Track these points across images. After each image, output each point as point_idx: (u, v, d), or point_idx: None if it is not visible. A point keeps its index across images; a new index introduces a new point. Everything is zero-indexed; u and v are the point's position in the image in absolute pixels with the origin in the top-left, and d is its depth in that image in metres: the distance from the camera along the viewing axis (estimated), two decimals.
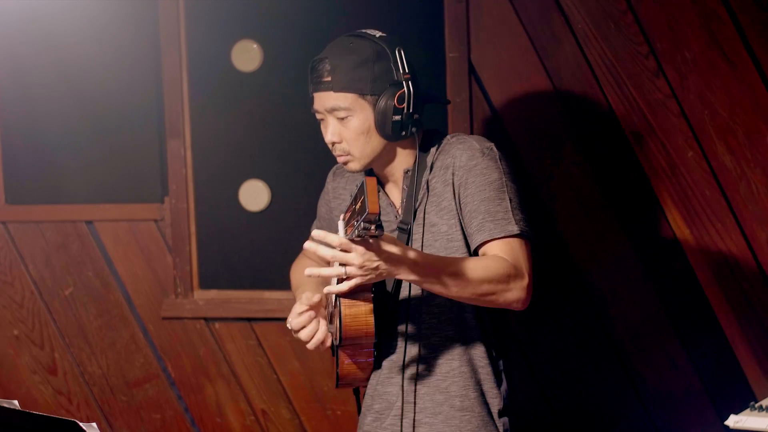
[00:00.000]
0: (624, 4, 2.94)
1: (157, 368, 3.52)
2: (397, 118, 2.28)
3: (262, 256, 3.35)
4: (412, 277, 2.16)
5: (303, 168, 3.26)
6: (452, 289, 2.19)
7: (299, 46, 3.21)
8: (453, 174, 2.33)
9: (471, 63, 3.08)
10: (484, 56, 3.07)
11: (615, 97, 2.98)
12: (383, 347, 2.41)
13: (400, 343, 2.39)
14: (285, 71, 3.24)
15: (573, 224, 3.07)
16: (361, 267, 2.09)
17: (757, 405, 2.35)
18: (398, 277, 2.15)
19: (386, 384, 2.42)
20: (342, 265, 2.11)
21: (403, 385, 2.38)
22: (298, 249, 3.22)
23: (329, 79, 2.29)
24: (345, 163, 2.37)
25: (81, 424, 1.84)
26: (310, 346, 2.38)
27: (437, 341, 2.37)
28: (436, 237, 2.35)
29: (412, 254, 2.14)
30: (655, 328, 3.05)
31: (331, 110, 2.31)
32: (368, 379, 2.46)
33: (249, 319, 3.41)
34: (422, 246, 2.35)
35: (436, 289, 2.20)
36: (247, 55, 3.27)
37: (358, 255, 2.08)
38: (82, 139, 3.44)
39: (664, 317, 3.04)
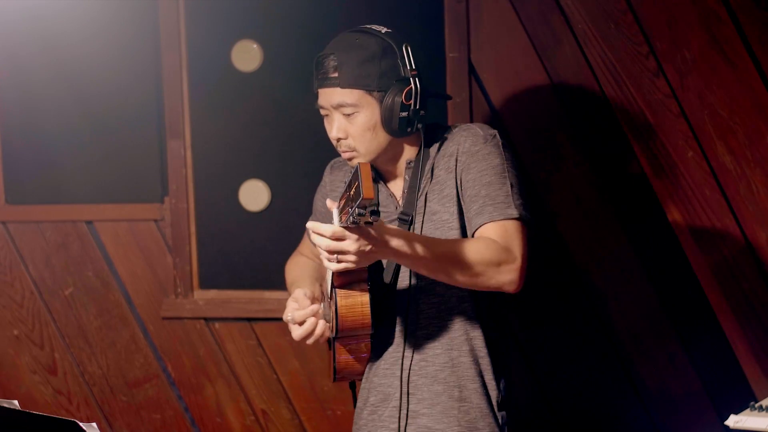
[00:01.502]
0: (624, 4, 2.94)
1: (157, 368, 3.52)
2: (404, 114, 2.28)
3: (262, 256, 3.35)
4: (403, 261, 2.17)
5: (303, 168, 3.26)
6: (442, 271, 2.19)
7: (299, 46, 3.21)
8: (456, 160, 2.34)
9: (471, 63, 3.08)
10: (484, 56, 3.07)
11: (615, 97, 2.98)
12: (380, 338, 2.40)
13: (398, 334, 2.39)
14: (285, 71, 3.24)
15: (573, 224, 3.07)
16: (356, 253, 2.09)
17: (757, 405, 2.35)
18: (387, 258, 2.16)
19: (382, 375, 2.41)
20: (337, 253, 2.10)
21: (401, 376, 2.37)
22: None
23: (336, 75, 2.29)
24: (350, 159, 2.36)
25: (81, 424, 1.84)
26: (309, 341, 2.38)
27: (435, 332, 2.37)
28: (437, 225, 2.35)
29: (403, 238, 2.14)
30: (655, 328, 3.05)
31: (338, 106, 2.31)
32: (364, 371, 2.46)
33: (249, 319, 3.41)
34: (422, 233, 2.34)
35: (426, 272, 2.20)
36: (247, 55, 3.27)
37: (352, 241, 2.07)
38: (82, 139, 3.44)
39: (664, 317, 3.04)
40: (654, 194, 2.99)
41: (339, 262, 2.11)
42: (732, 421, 2.31)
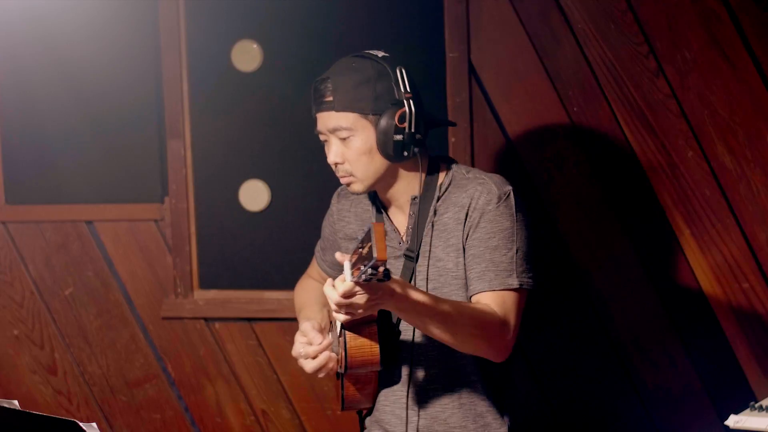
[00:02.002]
0: (624, 4, 2.94)
1: (157, 368, 3.52)
2: (399, 137, 2.26)
3: (262, 256, 3.35)
4: (401, 314, 2.17)
5: (303, 168, 3.26)
6: (438, 333, 2.19)
7: (299, 46, 3.21)
8: (468, 215, 2.31)
9: (471, 63, 3.08)
10: (484, 56, 3.07)
11: (615, 97, 2.98)
12: (386, 374, 2.41)
13: (402, 373, 2.39)
14: (285, 71, 3.24)
15: (573, 224, 3.07)
16: (366, 307, 2.08)
17: (757, 405, 2.35)
18: (392, 310, 2.16)
19: (382, 411, 2.43)
20: (346, 307, 2.08)
21: (404, 416, 2.39)
22: (298, 249, 3.23)
23: (331, 98, 2.29)
24: (348, 184, 2.36)
25: (81, 424, 1.84)
26: (321, 374, 2.39)
27: (438, 372, 2.37)
28: (441, 272, 2.34)
29: (410, 298, 2.12)
30: (655, 328, 3.05)
31: (333, 130, 2.30)
32: (372, 401, 2.47)
33: (249, 319, 3.41)
34: (427, 278, 2.34)
35: (419, 325, 2.21)
36: (247, 55, 3.27)
37: (363, 299, 2.06)
38: (82, 139, 3.44)
39: (664, 317, 3.04)
40: (654, 194, 2.99)
41: (347, 314, 2.11)
42: (732, 421, 2.31)
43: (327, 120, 2.31)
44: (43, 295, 3.57)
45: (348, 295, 2.04)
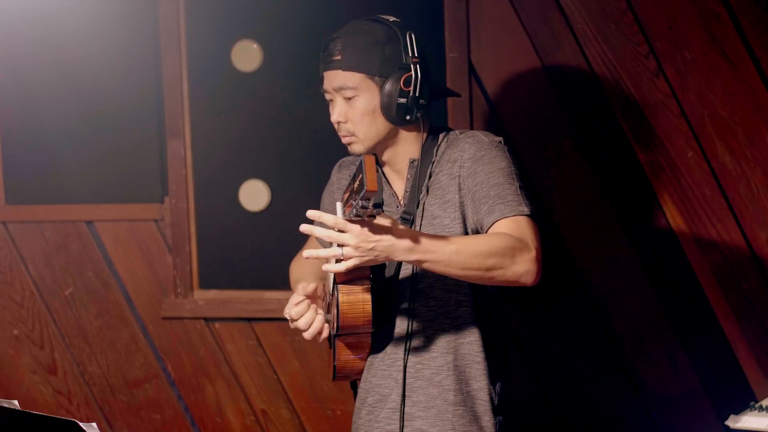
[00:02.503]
0: (624, 4, 2.94)
1: (157, 368, 3.52)
2: (403, 101, 2.28)
3: (262, 256, 3.35)
4: (413, 257, 2.13)
5: (303, 168, 3.26)
6: (456, 267, 2.15)
7: (299, 46, 3.21)
8: (460, 167, 2.33)
9: (471, 63, 3.08)
10: (484, 56, 3.07)
11: (615, 97, 2.98)
12: (379, 338, 2.40)
13: (396, 335, 2.38)
14: (285, 71, 3.24)
15: (573, 224, 3.07)
16: (357, 247, 2.07)
17: (757, 405, 2.36)
18: (397, 258, 2.12)
19: (381, 376, 2.41)
20: (339, 245, 2.09)
21: (403, 379, 2.37)
22: (298, 249, 3.22)
23: (339, 57, 2.30)
24: (349, 144, 2.36)
25: (81, 424, 1.84)
26: (308, 335, 2.37)
27: (433, 334, 2.37)
28: (437, 230, 2.34)
29: (409, 234, 2.11)
30: (655, 328, 3.04)
31: (339, 89, 2.31)
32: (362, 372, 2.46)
33: (249, 319, 3.41)
34: None
35: (439, 268, 2.16)
36: (247, 55, 3.27)
37: (353, 235, 2.06)
38: (82, 139, 3.44)
39: (664, 317, 3.04)
40: (654, 194, 2.99)
41: (343, 255, 2.10)
42: (732, 421, 2.31)
43: (333, 78, 2.32)
44: (43, 295, 3.57)
45: (340, 227, 2.05)
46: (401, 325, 2.38)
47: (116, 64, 3.38)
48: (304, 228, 2.14)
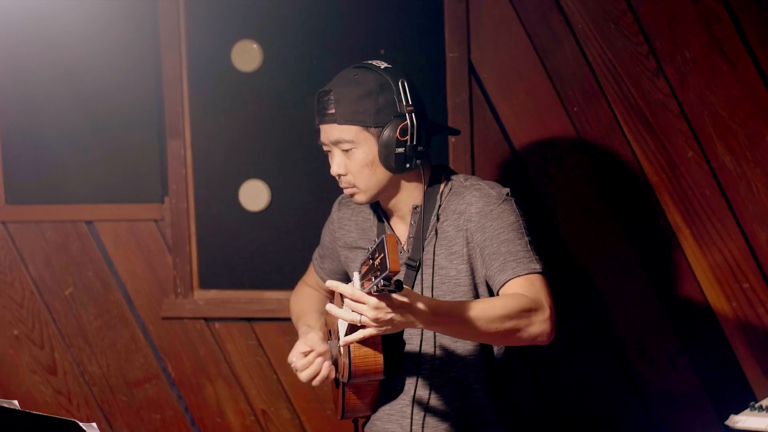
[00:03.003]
0: (624, 4, 2.94)
1: (157, 368, 3.52)
2: (401, 150, 2.27)
3: (262, 256, 3.35)
4: (432, 328, 2.14)
5: (303, 168, 3.26)
6: (474, 332, 2.15)
7: (299, 46, 3.21)
8: (467, 220, 2.31)
9: (471, 63, 3.08)
10: (484, 56, 3.07)
11: (615, 97, 2.98)
12: (388, 384, 2.41)
13: (406, 382, 2.39)
14: (285, 71, 3.24)
15: (573, 224, 3.07)
16: (375, 320, 2.03)
17: (757, 405, 2.36)
18: (416, 327, 2.10)
19: (385, 420, 2.43)
20: (355, 311, 2.05)
21: (408, 425, 2.38)
22: (298, 249, 3.23)
23: (333, 111, 2.29)
24: (351, 195, 2.36)
25: (81, 424, 1.84)
26: (315, 382, 2.39)
27: (439, 382, 2.37)
28: (444, 280, 2.34)
29: (427, 304, 2.08)
30: (655, 328, 3.05)
31: (336, 142, 2.31)
32: (371, 410, 2.47)
33: (249, 319, 3.41)
34: (432, 286, 2.34)
35: (458, 334, 2.19)
36: (247, 55, 3.27)
37: (370, 308, 2.01)
38: (82, 139, 3.44)
39: (664, 317, 3.04)
40: (654, 194, 2.99)
41: (361, 323, 2.05)
42: (732, 421, 2.31)
43: (330, 132, 2.31)
44: (43, 295, 3.57)
45: (356, 298, 2.02)
46: (408, 371, 2.38)
47: (116, 64, 3.38)
48: (330, 284, 2.09)
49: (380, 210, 2.44)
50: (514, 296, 2.20)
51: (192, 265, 3.41)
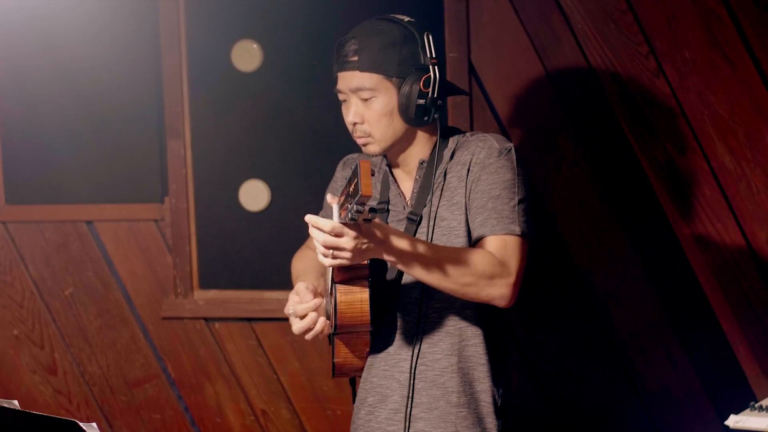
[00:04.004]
0: (624, 4, 2.94)
1: (157, 368, 3.52)
2: (422, 102, 2.28)
3: (262, 256, 3.35)
4: (390, 258, 2.16)
5: (303, 168, 3.27)
6: (431, 276, 2.19)
7: (299, 46, 3.21)
8: (468, 170, 2.33)
9: (471, 63, 3.08)
10: (484, 56, 3.07)
11: (615, 97, 2.98)
12: (381, 337, 2.39)
13: (399, 336, 2.38)
14: (285, 71, 3.24)
15: (573, 224, 3.07)
16: (352, 251, 2.09)
17: (757, 405, 2.36)
18: (377, 257, 2.15)
19: (382, 376, 2.41)
20: (334, 248, 2.10)
21: (407, 379, 2.37)
22: (298, 249, 3.22)
23: (356, 58, 2.29)
24: (364, 145, 2.36)
25: (81, 424, 1.84)
26: (309, 336, 2.38)
27: (437, 336, 2.36)
28: (444, 231, 2.34)
29: (393, 235, 2.14)
30: (655, 328, 3.05)
31: (356, 90, 2.31)
32: (362, 368, 2.45)
33: (249, 319, 3.41)
34: (431, 239, 2.34)
35: (416, 274, 2.20)
36: (247, 55, 3.27)
37: (350, 239, 2.08)
38: (82, 139, 3.44)
39: (664, 317, 3.04)
40: (654, 194, 2.99)
41: (334, 258, 2.12)
42: (732, 421, 2.31)
43: (350, 80, 2.31)
44: (43, 295, 3.57)
45: (336, 233, 2.07)
46: (406, 327, 2.37)
47: (116, 64, 3.39)
48: (308, 218, 2.14)
49: (387, 166, 2.44)
50: (482, 253, 2.23)
51: (192, 265, 3.41)
